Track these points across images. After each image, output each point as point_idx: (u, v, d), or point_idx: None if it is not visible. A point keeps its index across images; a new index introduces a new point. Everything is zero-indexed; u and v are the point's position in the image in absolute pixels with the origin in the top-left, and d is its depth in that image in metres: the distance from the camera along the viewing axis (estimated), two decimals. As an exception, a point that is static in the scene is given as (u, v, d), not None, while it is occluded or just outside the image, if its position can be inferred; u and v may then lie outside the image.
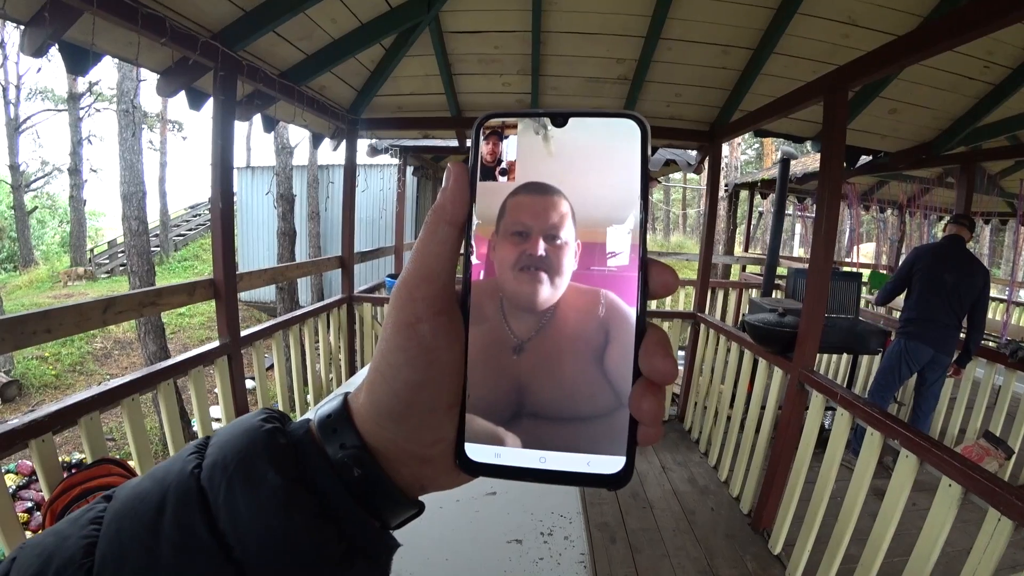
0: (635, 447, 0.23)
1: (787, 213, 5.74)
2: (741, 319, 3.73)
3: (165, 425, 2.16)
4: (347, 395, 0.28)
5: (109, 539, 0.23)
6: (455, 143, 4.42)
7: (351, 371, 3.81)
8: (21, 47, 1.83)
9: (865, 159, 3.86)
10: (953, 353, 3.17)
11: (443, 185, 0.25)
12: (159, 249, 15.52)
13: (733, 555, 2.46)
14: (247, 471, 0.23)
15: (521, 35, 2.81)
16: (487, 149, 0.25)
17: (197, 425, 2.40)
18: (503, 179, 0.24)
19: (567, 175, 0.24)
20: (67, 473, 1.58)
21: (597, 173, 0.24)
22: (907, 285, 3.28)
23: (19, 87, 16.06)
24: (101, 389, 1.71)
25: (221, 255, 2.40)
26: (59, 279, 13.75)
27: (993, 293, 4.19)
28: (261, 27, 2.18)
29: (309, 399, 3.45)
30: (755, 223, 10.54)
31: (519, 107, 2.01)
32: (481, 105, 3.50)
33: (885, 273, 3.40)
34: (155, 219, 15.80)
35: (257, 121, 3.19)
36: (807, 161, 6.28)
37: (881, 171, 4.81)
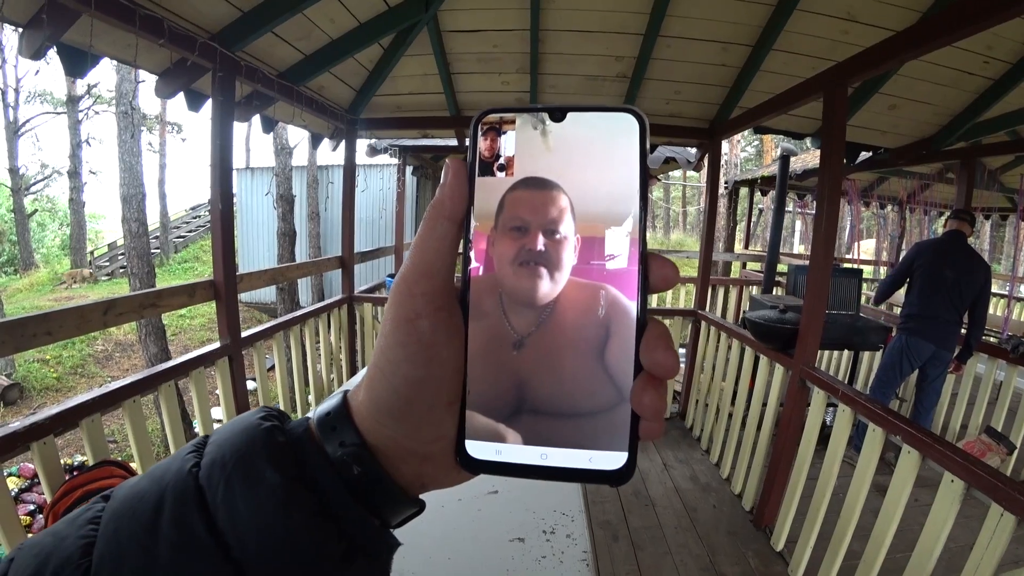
0: (637, 442, 0.23)
1: (787, 210, 5.73)
2: (742, 316, 3.73)
3: (166, 426, 2.16)
4: (346, 392, 0.27)
5: (107, 539, 0.22)
6: (454, 142, 4.42)
7: (352, 371, 3.81)
8: (19, 49, 1.83)
9: (865, 155, 3.86)
10: (954, 349, 3.17)
11: (442, 181, 0.25)
12: (159, 251, 15.54)
13: (735, 552, 2.46)
14: (246, 469, 0.23)
15: (520, 33, 2.81)
16: (485, 145, 0.24)
17: (198, 426, 2.40)
18: (502, 174, 0.24)
19: (566, 170, 0.24)
20: (69, 475, 1.58)
21: (596, 168, 0.24)
22: (906, 281, 3.28)
23: (18, 90, 16.09)
24: (102, 391, 1.71)
25: (221, 256, 2.40)
26: (62, 281, 13.76)
27: (994, 289, 4.18)
28: (259, 28, 2.18)
29: (310, 399, 3.45)
30: (755, 220, 10.53)
31: (518, 104, 2.02)
32: (480, 104, 3.49)
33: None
34: (155, 221, 15.81)
35: (256, 122, 3.18)
36: (807, 158, 6.26)
37: (881, 167, 4.81)
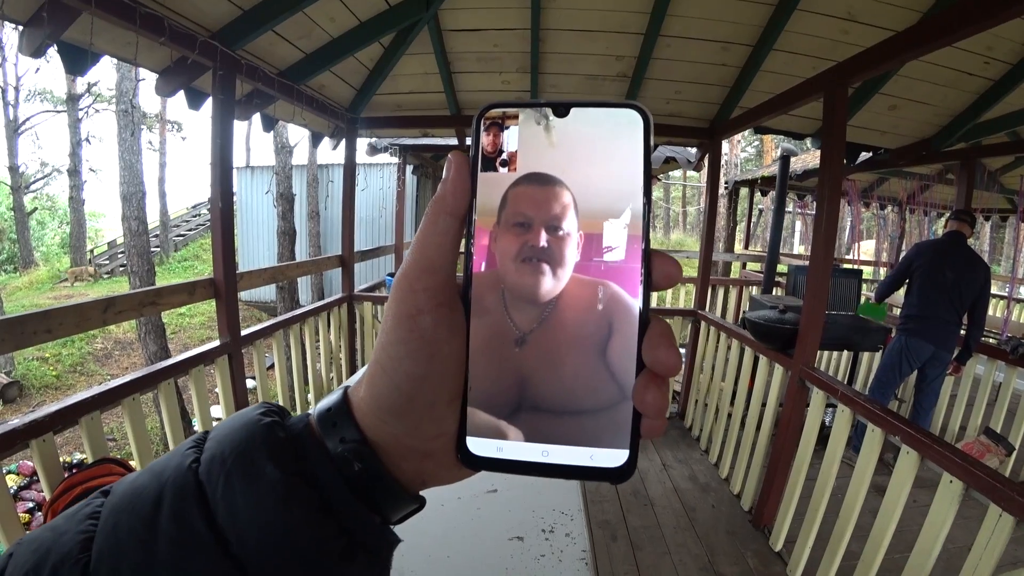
0: (639, 440, 0.23)
1: (787, 210, 5.73)
2: (742, 316, 3.73)
3: (166, 425, 2.16)
4: (347, 389, 0.27)
5: (106, 534, 0.22)
6: (455, 141, 4.42)
7: (352, 370, 3.81)
8: (20, 48, 1.83)
9: (865, 155, 3.86)
10: (953, 350, 3.17)
11: (444, 176, 0.25)
12: (159, 249, 15.52)
13: (734, 552, 2.46)
14: (246, 465, 0.23)
15: (520, 33, 2.80)
16: (488, 140, 0.24)
17: (198, 424, 2.40)
18: (504, 170, 0.24)
19: (569, 166, 0.24)
20: (68, 473, 1.58)
21: (599, 164, 0.23)
22: (905, 281, 3.28)
23: (18, 88, 16.05)
24: (102, 389, 1.71)
25: (221, 255, 2.40)
26: (65, 278, 13.74)
27: (993, 290, 4.18)
28: (260, 26, 2.18)
29: (310, 398, 3.45)
30: (755, 220, 10.53)
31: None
32: (480, 103, 3.48)
33: (877, 306, 3.41)
34: (155, 219, 15.80)
35: (256, 121, 3.18)
36: (807, 158, 6.27)
37: (881, 167, 4.81)
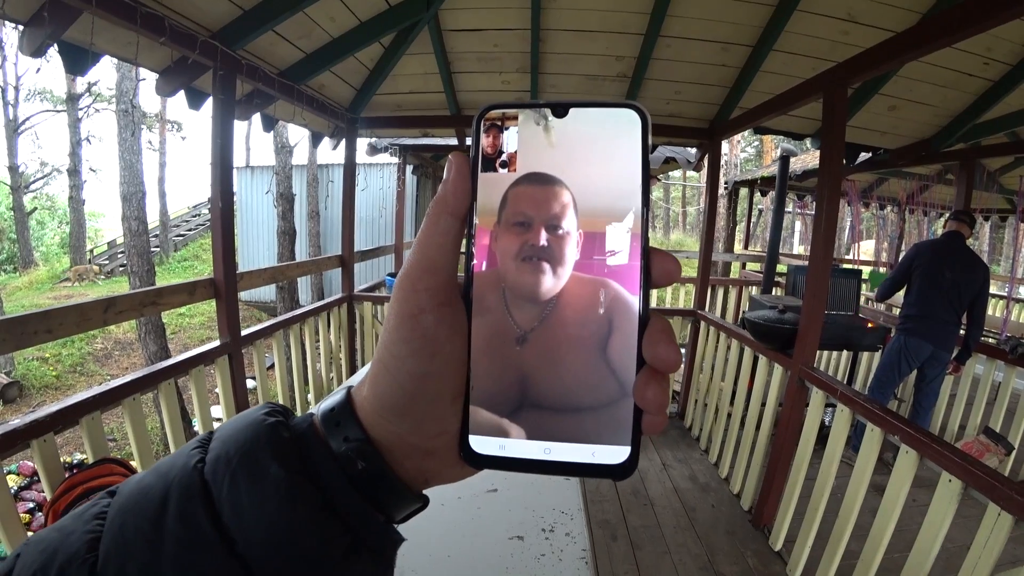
0: (640, 436, 0.23)
1: (787, 210, 5.73)
2: (741, 316, 3.73)
3: (166, 425, 2.16)
4: (350, 388, 0.27)
5: (113, 534, 0.22)
6: (455, 141, 4.42)
7: (352, 370, 3.81)
8: (20, 47, 1.83)
9: (865, 156, 3.86)
10: (953, 349, 3.17)
11: (444, 176, 0.25)
12: (159, 249, 15.52)
13: (734, 552, 2.47)
14: (250, 465, 0.23)
15: (520, 33, 2.81)
16: (488, 140, 0.25)
17: (198, 425, 2.40)
18: (504, 170, 0.24)
19: (568, 165, 0.24)
20: (69, 473, 1.58)
21: (598, 163, 0.24)
22: (906, 281, 3.28)
23: (18, 88, 16.03)
24: (102, 389, 1.72)
25: (221, 254, 2.40)
26: (66, 277, 13.74)
27: (993, 290, 4.19)
28: (260, 26, 2.18)
29: (310, 398, 3.45)
30: (755, 220, 10.53)
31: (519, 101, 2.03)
32: (480, 103, 3.47)
33: (884, 272, 3.41)
34: (155, 219, 15.79)
35: (256, 120, 3.18)
36: (807, 158, 6.27)
37: (881, 168, 4.81)
